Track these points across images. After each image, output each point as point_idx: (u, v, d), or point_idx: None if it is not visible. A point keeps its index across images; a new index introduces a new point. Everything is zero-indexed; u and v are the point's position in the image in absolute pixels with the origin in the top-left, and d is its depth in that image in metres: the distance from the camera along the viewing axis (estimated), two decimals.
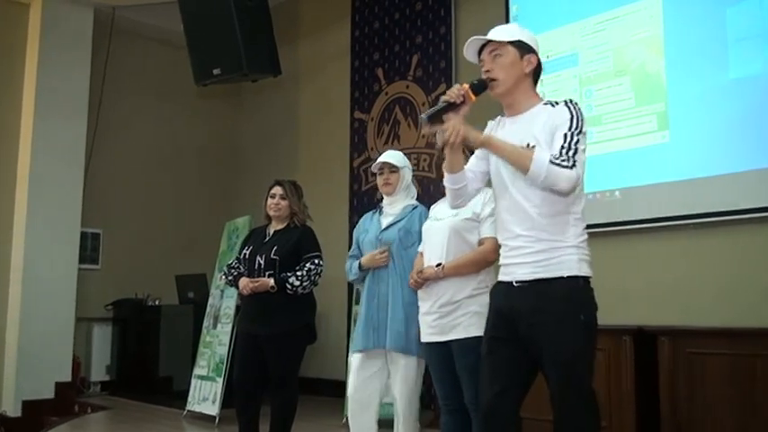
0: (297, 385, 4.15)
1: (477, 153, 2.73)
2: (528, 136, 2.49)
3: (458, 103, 2.50)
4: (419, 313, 3.25)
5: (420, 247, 3.36)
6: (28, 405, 6.84)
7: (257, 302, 4.07)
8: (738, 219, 4.48)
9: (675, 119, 4.78)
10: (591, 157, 5.10)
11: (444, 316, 3.09)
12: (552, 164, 2.35)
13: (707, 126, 4.64)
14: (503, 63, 2.55)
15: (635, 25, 5.05)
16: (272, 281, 4.02)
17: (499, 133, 2.62)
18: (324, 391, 7.00)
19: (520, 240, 2.50)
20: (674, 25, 4.85)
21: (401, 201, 3.61)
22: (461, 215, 3.13)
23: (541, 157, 2.36)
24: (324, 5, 8.19)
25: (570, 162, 2.36)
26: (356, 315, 5.42)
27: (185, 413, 6.23)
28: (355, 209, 7.27)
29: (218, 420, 5.81)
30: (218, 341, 6.20)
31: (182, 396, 6.48)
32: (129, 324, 8.04)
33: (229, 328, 6.03)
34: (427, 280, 3.15)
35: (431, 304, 3.15)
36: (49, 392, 6.98)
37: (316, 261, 4.10)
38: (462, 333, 3.02)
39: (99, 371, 8.00)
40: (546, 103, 2.56)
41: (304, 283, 4.03)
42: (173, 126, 8.78)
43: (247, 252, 4.22)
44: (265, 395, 4.15)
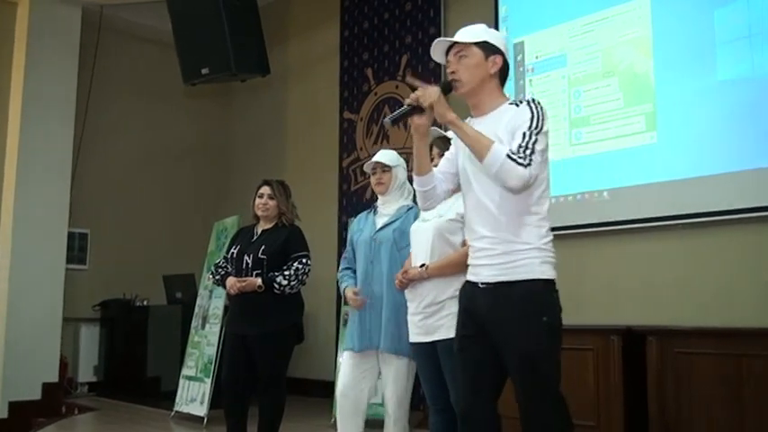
0: (285, 385, 4.13)
1: (447, 155, 2.75)
2: (492, 136, 2.49)
3: (420, 105, 2.53)
4: (407, 314, 3.25)
5: (411, 247, 3.36)
6: (15, 406, 6.79)
7: (245, 302, 4.05)
8: (726, 219, 4.51)
9: (663, 120, 4.80)
10: (579, 158, 5.19)
11: (429, 316, 3.09)
12: (508, 158, 2.35)
13: (695, 127, 4.67)
14: (467, 64, 2.56)
15: (623, 26, 5.07)
16: (259, 280, 4.00)
17: None
18: (312, 391, 6.99)
19: (484, 242, 2.51)
20: (663, 26, 4.87)
21: (395, 200, 3.60)
22: (446, 216, 3.13)
23: (500, 149, 2.37)
24: (313, 5, 8.18)
25: (526, 160, 2.35)
26: (345, 315, 5.42)
27: (173, 414, 6.20)
28: (344, 209, 7.27)
29: (206, 421, 5.79)
30: (206, 341, 6.18)
31: (170, 397, 6.45)
32: (116, 324, 8.01)
33: (218, 328, 6.00)
34: (412, 281, 3.15)
35: (416, 305, 3.15)
36: (36, 393, 6.92)
37: (303, 261, 4.09)
38: (446, 334, 3.01)
39: (86, 371, 7.97)
40: (511, 103, 2.55)
41: (292, 283, 4.02)
42: (161, 125, 8.75)
43: (235, 251, 4.20)
44: (253, 395, 4.14)
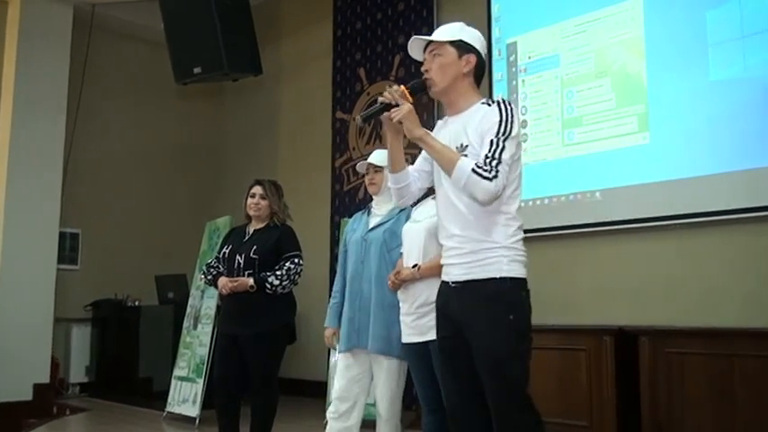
0: (277, 385, 4.13)
1: (424, 154, 2.75)
2: (462, 135, 2.51)
3: (394, 104, 2.54)
4: (400, 314, 3.24)
5: (402, 248, 3.35)
6: (5, 407, 6.73)
7: (237, 302, 4.04)
8: (719, 219, 4.52)
9: (656, 120, 4.81)
10: (572, 158, 5.20)
11: (422, 317, 3.09)
12: (474, 172, 2.35)
13: (687, 127, 4.68)
14: (440, 63, 2.57)
15: (616, 27, 5.08)
16: (251, 280, 3.99)
17: (442, 132, 2.63)
18: (305, 391, 6.98)
19: (454, 240, 2.51)
20: (655, 27, 4.88)
21: (388, 201, 3.59)
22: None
23: (465, 163, 2.37)
24: (306, 5, 8.17)
25: (492, 173, 2.35)
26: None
27: (165, 414, 6.19)
28: (337, 209, 7.26)
29: (198, 421, 5.78)
30: (198, 342, 6.17)
31: (162, 397, 6.43)
32: (108, 325, 7.98)
33: (210, 328, 5.99)
34: (404, 281, 3.15)
35: (409, 305, 3.15)
36: (27, 394, 6.87)
37: (295, 260, 4.08)
38: None
39: (78, 372, 7.94)
40: (483, 103, 2.55)
41: (283, 283, 4.01)
42: (153, 125, 8.72)
43: (227, 251, 4.19)
44: (246, 396, 4.13)
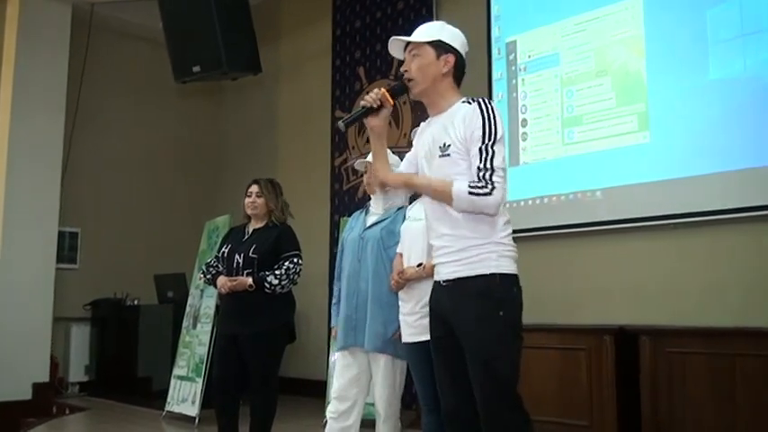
0: (276, 385, 4.12)
1: (408, 156, 2.75)
2: (444, 135, 2.50)
3: (375, 107, 2.54)
4: (400, 314, 3.23)
5: (398, 248, 3.34)
6: (5, 406, 6.74)
7: (236, 302, 4.03)
8: (718, 219, 4.51)
9: (656, 119, 4.80)
10: (572, 157, 5.19)
11: (426, 316, 3.07)
12: (471, 195, 2.35)
13: (687, 126, 4.67)
14: (419, 64, 2.55)
15: (616, 26, 5.06)
16: (250, 279, 3.99)
17: (425, 133, 2.64)
18: (304, 390, 6.97)
19: (444, 240, 2.51)
20: (655, 26, 4.87)
21: (386, 200, 3.59)
22: None
23: (459, 189, 2.37)
24: (305, 4, 8.16)
25: (489, 186, 2.35)
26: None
27: (165, 414, 6.18)
28: (336, 208, 7.25)
29: (197, 421, 5.78)
30: (197, 341, 6.16)
31: (161, 396, 6.43)
32: (107, 324, 7.98)
33: (209, 327, 5.99)
34: (409, 280, 3.14)
35: (413, 304, 3.14)
36: (27, 393, 6.88)
37: (294, 260, 4.07)
38: None
39: (77, 371, 7.93)
40: (464, 101, 2.53)
41: (282, 282, 4.00)
42: (152, 124, 8.71)
43: (226, 250, 4.18)
44: (245, 395, 4.12)
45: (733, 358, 3.93)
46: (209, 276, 4.24)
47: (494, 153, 2.39)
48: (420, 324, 3.09)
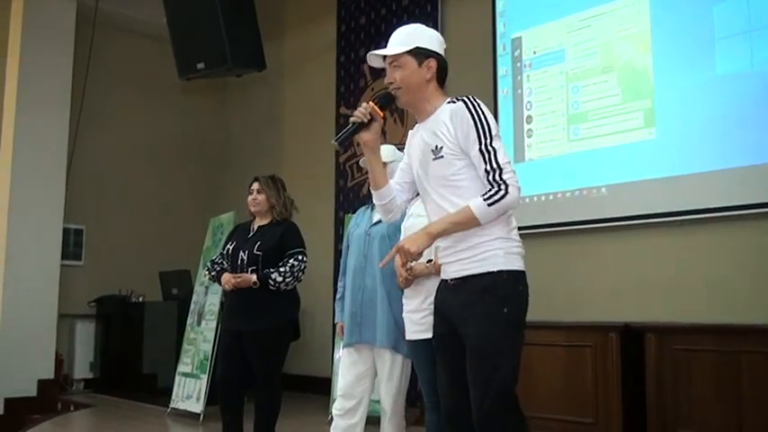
0: (281, 382, 4.11)
1: (402, 165, 2.74)
2: (434, 138, 2.49)
3: (366, 121, 2.53)
4: (404, 311, 3.22)
5: None
6: (10, 403, 6.77)
7: (241, 299, 4.03)
8: (725, 216, 4.49)
9: (662, 115, 4.78)
10: (577, 154, 5.17)
11: (432, 313, 3.05)
12: (489, 204, 2.33)
13: (694, 123, 4.65)
14: (402, 75, 2.54)
15: (622, 21, 5.04)
16: (254, 276, 3.97)
17: (415, 140, 2.62)
18: (309, 387, 6.97)
19: (449, 239, 2.49)
20: (661, 22, 4.85)
21: None
22: None
23: (479, 207, 2.34)
24: (309, 0, 8.14)
25: (503, 187, 2.34)
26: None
27: (169, 410, 6.19)
28: (341, 205, 7.24)
29: (202, 418, 5.78)
30: (202, 338, 6.16)
31: (166, 393, 6.44)
32: (112, 321, 7.98)
33: (214, 324, 5.99)
34: (417, 277, 3.12)
35: (420, 301, 3.12)
36: (32, 390, 6.91)
37: (299, 257, 4.06)
38: None
39: (82, 368, 7.95)
40: (449, 101, 2.51)
41: (287, 279, 3.99)
42: (157, 121, 8.71)
43: (230, 247, 4.17)
44: (250, 392, 4.12)
45: (739, 355, 3.91)
46: (213, 273, 4.23)
47: (495, 150, 2.38)
48: (426, 321, 3.06)
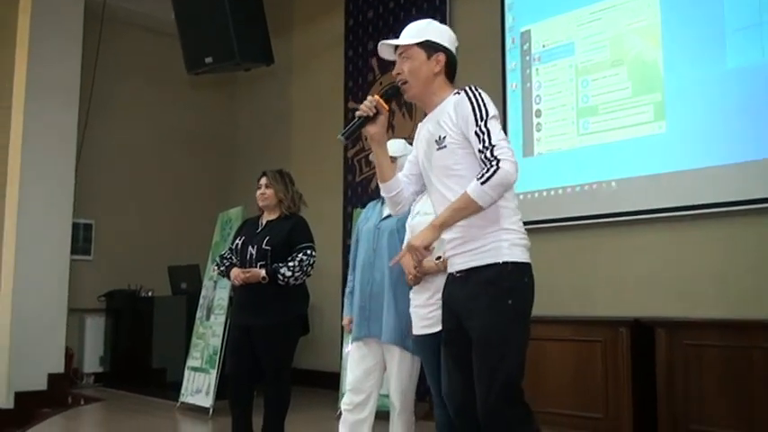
0: (289, 377, 4.11)
1: (410, 157, 2.74)
2: (438, 129, 2.50)
3: (371, 115, 2.54)
4: (411, 306, 3.21)
5: (405, 245, 3.30)
6: (21, 397, 6.79)
7: (250, 293, 4.02)
8: (736, 210, 4.46)
9: (672, 109, 4.75)
10: (587, 148, 5.15)
11: (440, 308, 3.04)
12: (483, 183, 2.30)
13: (704, 116, 4.61)
14: (411, 66, 2.55)
15: (632, 14, 5.01)
16: (263, 271, 3.97)
17: (422, 132, 2.62)
18: (318, 382, 6.98)
19: (453, 232, 2.48)
20: (672, 14, 4.81)
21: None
22: None
23: (474, 189, 2.32)
24: None
25: (493, 162, 2.31)
26: None
27: (179, 404, 6.21)
28: (349, 200, 7.24)
29: (211, 412, 5.80)
30: (211, 332, 6.17)
31: (175, 387, 6.46)
32: (122, 315, 8.02)
33: (223, 319, 6.00)
34: (427, 274, 3.12)
35: (428, 296, 3.11)
36: (42, 384, 6.93)
37: (308, 252, 4.05)
38: None
39: (92, 362, 7.99)
40: (455, 93, 2.51)
41: (296, 274, 3.98)
42: (165, 116, 8.72)
43: (239, 242, 4.17)
44: (259, 386, 4.12)
45: (750, 350, 3.90)
46: (222, 268, 4.23)
47: (488, 131, 2.37)
48: (433, 316, 3.06)
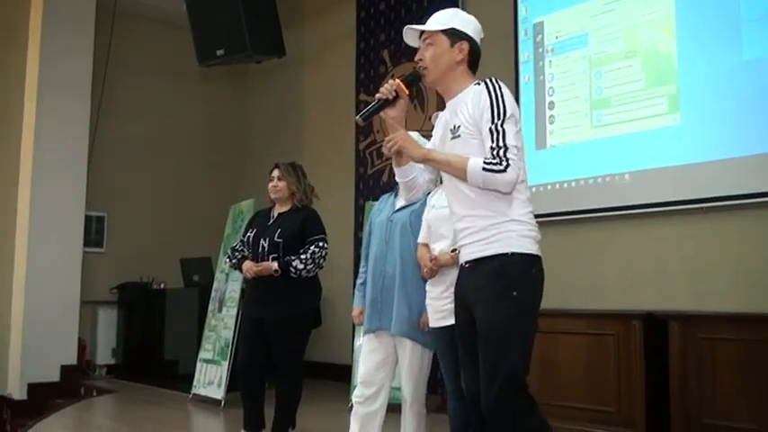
0: (301, 369, 4.12)
1: (428, 145, 2.74)
2: (455, 117, 2.51)
3: (391, 98, 2.54)
4: (427, 298, 3.20)
5: (421, 238, 3.30)
6: (34, 388, 6.85)
7: (262, 286, 4.03)
8: (750, 203, 4.42)
9: (687, 101, 4.70)
10: (600, 140, 5.11)
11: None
12: (485, 170, 2.33)
13: (719, 108, 4.56)
14: (433, 52, 2.54)
15: (645, 5, 4.96)
16: (275, 264, 3.97)
17: (442, 119, 2.64)
18: (329, 375, 6.99)
19: (464, 222, 2.49)
20: (686, 5, 4.76)
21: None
22: None
23: (475, 165, 2.34)
24: None
25: (503, 163, 2.32)
26: None
27: (191, 396, 6.23)
28: (361, 192, 7.23)
29: (223, 404, 5.81)
30: (223, 325, 6.18)
31: (187, 379, 6.48)
32: (134, 307, 8.05)
33: (234, 311, 6.01)
34: (442, 267, 3.11)
35: (443, 289, 3.10)
36: (55, 375, 6.98)
37: (320, 244, 4.04)
38: None
39: (104, 354, 8.04)
40: (476, 83, 2.51)
41: (308, 267, 3.98)
42: (177, 108, 8.74)
43: (251, 235, 4.17)
44: (271, 379, 4.12)
45: (765, 344, 3.85)
46: (234, 261, 4.23)
47: (504, 131, 2.36)
48: (447, 308, 3.05)
